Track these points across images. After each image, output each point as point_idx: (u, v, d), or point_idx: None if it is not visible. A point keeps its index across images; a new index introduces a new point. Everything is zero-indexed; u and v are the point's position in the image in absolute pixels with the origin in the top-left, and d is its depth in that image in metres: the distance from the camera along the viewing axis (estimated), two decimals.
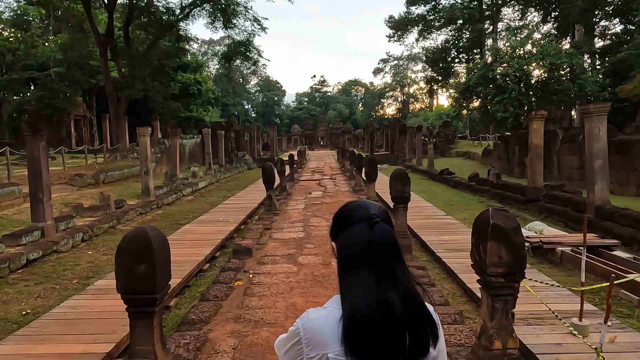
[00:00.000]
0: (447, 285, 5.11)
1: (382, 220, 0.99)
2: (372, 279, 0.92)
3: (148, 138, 11.59)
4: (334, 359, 0.90)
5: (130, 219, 9.55)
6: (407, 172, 6.19)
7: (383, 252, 0.95)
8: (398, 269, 0.95)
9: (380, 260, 0.94)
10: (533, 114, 9.23)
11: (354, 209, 1.04)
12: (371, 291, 0.90)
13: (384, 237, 0.96)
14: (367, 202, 1.06)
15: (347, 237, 0.99)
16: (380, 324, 0.88)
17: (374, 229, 0.96)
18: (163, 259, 2.75)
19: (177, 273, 5.29)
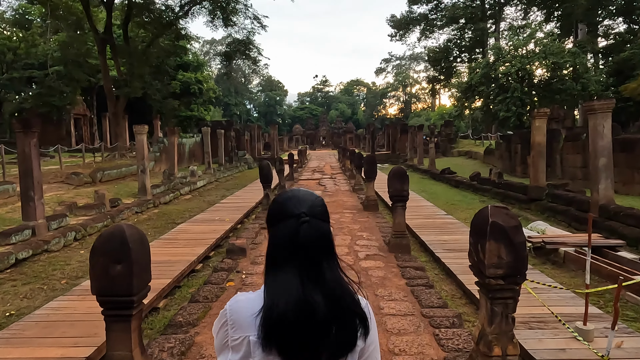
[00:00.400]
0: (446, 287, 4.94)
1: (313, 216, 0.96)
2: (296, 278, 0.91)
3: (145, 136, 11.45)
4: (255, 342, 0.91)
5: (125, 218, 9.41)
6: (405, 170, 6.02)
7: (310, 252, 0.93)
8: (326, 269, 0.94)
9: (307, 259, 0.92)
10: (536, 111, 9.04)
11: (285, 202, 1.00)
12: (293, 291, 0.89)
13: (312, 236, 0.93)
14: (301, 195, 1.02)
15: (275, 233, 0.98)
16: (299, 323, 0.88)
17: (301, 227, 0.93)
18: (141, 258, 2.59)
19: (168, 273, 5.14)
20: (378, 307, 4.14)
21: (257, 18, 19.46)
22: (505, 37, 32.60)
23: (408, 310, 4.06)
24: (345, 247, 6.43)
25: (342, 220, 8.56)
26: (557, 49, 28.28)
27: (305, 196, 1.01)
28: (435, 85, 44.50)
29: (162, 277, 4.99)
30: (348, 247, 6.42)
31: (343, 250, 6.27)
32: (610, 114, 6.76)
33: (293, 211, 0.96)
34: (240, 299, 0.99)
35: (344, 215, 9.19)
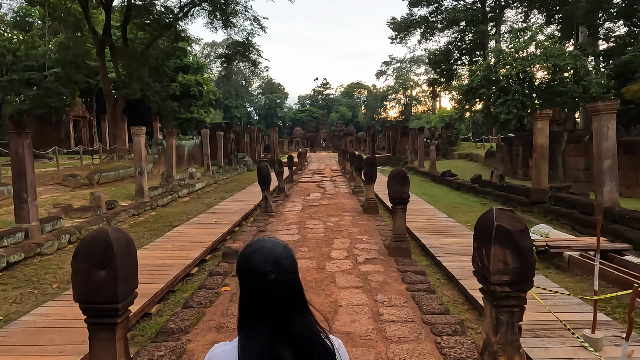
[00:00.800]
0: (447, 292, 4.80)
1: (280, 272, 0.96)
2: (266, 334, 0.93)
3: (143, 138, 11.33)
4: None
5: (121, 220, 9.28)
6: (406, 172, 5.88)
7: (278, 308, 0.95)
8: (295, 323, 0.96)
9: (275, 315, 0.94)
10: (538, 113, 8.91)
11: (250, 257, 1.00)
12: (265, 348, 0.91)
13: (279, 293, 0.95)
14: (267, 247, 1.02)
15: (243, 288, 1.00)
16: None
17: (268, 284, 0.94)
18: (127, 264, 2.45)
19: (162, 277, 5.01)
20: (378, 313, 4.00)
21: (257, 20, 19.39)
22: (506, 40, 32.49)
23: (408, 316, 3.92)
24: (344, 251, 6.28)
25: (342, 223, 8.42)
26: (558, 51, 28.21)
27: (272, 249, 1.01)
28: (435, 88, 44.37)
29: (155, 282, 4.86)
30: (347, 251, 6.27)
31: (342, 254, 6.13)
32: (615, 115, 6.63)
33: (259, 268, 0.96)
34: (216, 352, 1.02)
35: (343, 218, 9.05)
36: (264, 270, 0.96)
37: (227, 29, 19.80)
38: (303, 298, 1.00)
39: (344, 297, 4.42)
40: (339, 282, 4.90)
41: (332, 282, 4.93)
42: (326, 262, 5.74)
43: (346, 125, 61.31)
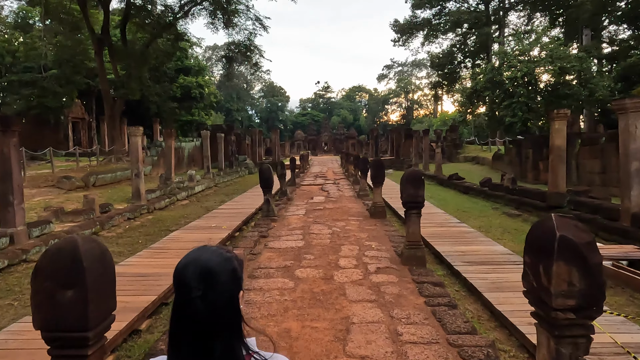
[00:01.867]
0: (470, 307, 4.32)
1: (210, 289, 0.87)
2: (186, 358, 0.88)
3: (140, 138, 10.90)
4: None
5: (116, 224, 8.82)
6: (421, 174, 5.43)
7: (201, 329, 0.87)
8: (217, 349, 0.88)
9: (196, 338, 0.87)
10: (555, 112, 8.46)
11: (182, 269, 0.90)
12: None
13: (204, 312, 0.86)
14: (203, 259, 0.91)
15: (172, 305, 0.93)
16: None
17: (193, 302, 0.86)
18: (101, 281, 1.99)
19: (154, 289, 4.55)
20: (396, 333, 3.53)
21: (259, 19, 19.01)
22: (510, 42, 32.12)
23: (431, 336, 3.45)
24: (353, 259, 5.81)
25: (348, 229, 7.95)
26: (563, 53, 27.82)
27: (208, 262, 0.90)
28: (438, 91, 43.97)
29: (147, 293, 4.40)
30: (356, 259, 5.81)
31: (351, 262, 5.66)
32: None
33: (187, 282, 0.88)
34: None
35: (349, 222, 8.58)
36: (190, 285, 0.88)
37: (228, 28, 19.44)
38: (235, 320, 0.91)
39: (357, 313, 3.96)
40: (349, 295, 4.44)
41: (341, 295, 4.47)
42: (334, 271, 5.27)
43: (347, 129, 61.06)
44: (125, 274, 5.12)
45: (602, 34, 36.35)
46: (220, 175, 18.37)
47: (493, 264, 5.39)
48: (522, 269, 5.12)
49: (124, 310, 3.96)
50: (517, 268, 5.17)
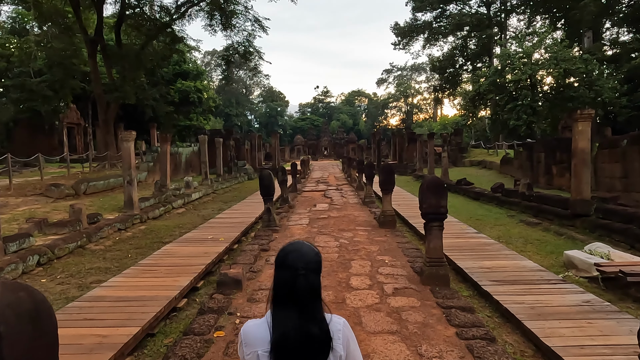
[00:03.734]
0: (508, 338, 3.67)
1: (308, 271, 1.29)
2: (295, 315, 1.26)
3: (132, 143, 10.26)
4: (262, 355, 1.27)
5: (104, 236, 8.17)
6: (443, 181, 4.80)
7: (303, 297, 1.27)
8: (316, 310, 1.29)
9: (301, 302, 1.27)
10: (578, 113, 7.85)
11: (289, 254, 1.34)
12: (295, 324, 1.25)
13: (306, 287, 1.28)
14: (303, 250, 1.34)
15: (279, 276, 1.32)
16: (301, 347, 1.24)
17: (297, 279, 1.27)
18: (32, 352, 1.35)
19: (138, 317, 3.89)
20: None
21: (258, 20, 18.42)
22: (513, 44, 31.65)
23: None
24: (366, 277, 5.17)
25: (357, 240, 7.31)
26: (568, 55, 27.31)
27: (306, 252, 1.34)
28: (439, 94, 43.46)
29: (129, 324, 3.75)
30: (370, 278, 5.16)
31: (364, 282, 5.01)
32: None
33: (295, 264, 1.29)
34: (250, 325, 1.36)
35: (357, 233, 7.94)
36: (297, 266, 1.29)
37: (226, 30, 18.87)
38: (320, 294, 1.32)
39: (377, 349, 3.31)
40: (366, 325, 3.79)
41: (357, 324, 3.82)
42: (346, 293, 4.63)
43: (347, 133, 60.57)
44: (105, 298, 4.47)
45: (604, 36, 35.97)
46: (218, 182, 17.73)
47: (526, 283, 4.74)
48: (560, 289, 4.41)
49: (99, 348, 3.32)
50: (556, 289, 4.53)
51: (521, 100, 28.33)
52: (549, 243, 7.14)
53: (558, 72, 27.26)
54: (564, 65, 26.91)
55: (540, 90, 29.52)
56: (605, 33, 36.44)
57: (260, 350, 1.27)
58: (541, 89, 29.57)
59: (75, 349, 3.32)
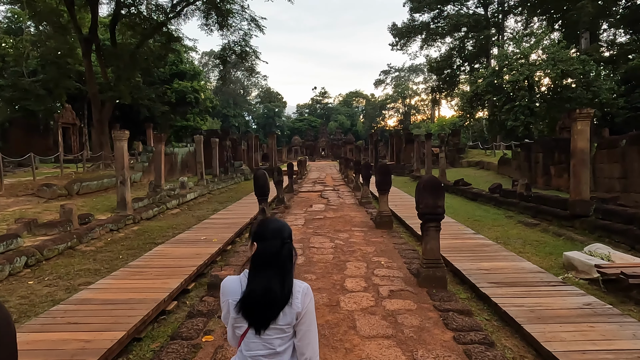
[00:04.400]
0: (507, 342, 3.55)
1: (290, 240, 1.57)
2: (271, 274, 1.50)
3: (125, 143, 10.11)
4: (232, 303, 1.54)
5: (96, 237, 8.01)
6: (440, 181, 4.67)
7: (284, 262, 1.53)
8: (289, 273, 1.54)
9: (282, 266, 1.52)
10: (577, 112, 7.74)
11: (273, 227, 1.58)
12: (270, 279, 1.50)
13: (288, 254, 1.55)
14: (281, 224, 1.60)
15: (264, 246, 1.53)
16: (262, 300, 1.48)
17: (283, 247, 1.53)
18: None
19: (124, 321, 3.75)
20: None
21: (254, 19, 18.28)
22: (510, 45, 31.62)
23: None
24: (361, 279, 5.04)
25: (353, 241, 7.18)
26: (565, 56, 27.29)
27: (284, 225, 1.60)
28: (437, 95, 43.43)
29: (114, 328, 3.61)
30: (365, 279, 5.03)
31: (359, 284, 4.88)
32: None
33: (280, 235, 1.55)
34: (228, 279, 1.62)
35: (353, 234, 7.81)
36: (282, 237, 1.55)
37: (223, 29, 18.73)
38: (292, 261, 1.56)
39: (372, 355, 3.18)
40: (360, 328, 3.66)
41: (351, 328, 3.69)
42: (340, 295, 4.50)
43: (345, 134, 60.46)
44: (92, 301, 4.33)
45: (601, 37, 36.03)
46: (214, 182, 17.58)
47: (525, 285, 4.62)
48: (560, 291, 4.29)
49: (81, 353, 3.18)
50: (556, 291, 4.41)
51: (519, 101, 28.31)
52: (547, 244, 7.03)
53: (556, 73, 27.23)
54: (561, 66, 26.89)
55: (538, 91, 29.51)
56: (603, 34, 36.53)
57: (231, 299, 1.53)
58: (538, 89, 29.56)
59: (57, 355, 3.18)
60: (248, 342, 1.52)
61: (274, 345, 1.51)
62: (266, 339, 1.50)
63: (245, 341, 1.53)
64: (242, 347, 1.55)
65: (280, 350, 1.52)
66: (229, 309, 1.54)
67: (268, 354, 1.51)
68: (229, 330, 1.59)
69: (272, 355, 1.52)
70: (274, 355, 1.52)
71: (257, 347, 1.51)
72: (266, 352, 1.51)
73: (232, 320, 1.54)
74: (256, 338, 1.51)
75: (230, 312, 1.54)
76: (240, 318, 1.50)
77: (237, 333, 1.56)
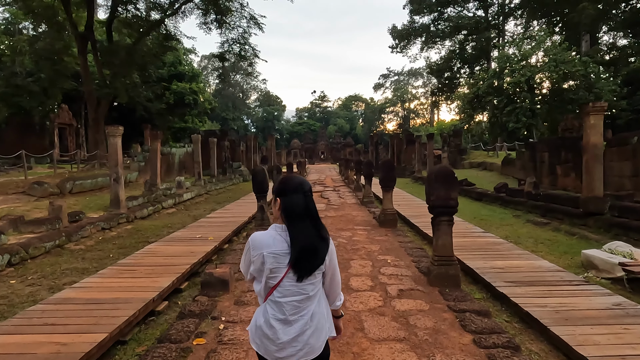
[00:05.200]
0: (533, 347, 3.19)
1: (311, 192, 1.69)
2: (310, 226, 1.62)
3: (119, 139, 9.76)
4: (267, 255, 1.58)
5: (86, 235, 7.64)
6: (452, 170, 4.33)
7: (314, 212, 1.65)
8: (320, 221, 1.67)
9: (312, 217, 1.64)
10: (590, 106, 7.42)
11: (297, 183, 1.67)
12: (312, 233, 1.61)
13: (314, 205, 1.66)
14: (302, 179, 1.70)
15: (290, 200, 1.63)
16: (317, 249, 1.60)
17: (306, 199, 1.64)
18: None
19: (108, 321, 3.39)
20: None
21: (254, 17, 17.97)
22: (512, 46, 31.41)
23: None
24: (367, 278, 4.68)
25: (356, 240, 6.82)
26: (567, 57, 27.05)
27: (304, 180, 1.71)
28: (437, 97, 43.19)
29: (95, 330, 3.25)
30: (371, 278, 4.67)
31: (365, 283, 4.52)
32: None
33: (302, 188, 1.66)
34: (257, 234, 1.66)
35: (356, 232, 7.45)
36: (305, 190, 1.65)
37: (222, 28, 18.45)
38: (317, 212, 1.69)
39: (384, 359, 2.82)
40: (369, 331, 3.30)
41: (359, 330, 3.33)
42: (345, 295, 4.12)
43: (344, 138, 60.29)
44: (73, 300, 3.96)
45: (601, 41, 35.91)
46: (212, 182, 17.22)
47: (545, 284, 4.27)
48: (585, 291, 3.91)
49: (54, 358, 2.81)
50: (580, 291, 4.06)
51: (520, 102, 28.05)
52: (561, 243, 6.68)
53: (557, 75, 27.00)
54: (563, 67, 26.66)
55: (539, 92, 29.26)
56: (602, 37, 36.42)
57: (265, 251, 1.57)
58: (540, 91, 29.31)
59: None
60: (283, 290, 1.58)
61: (307, 291, 1.60)
62: (302, 285, 1.59)
63: (279, 290, 1.59)
64: (275, 295, 1.59)
65: (312, 295, 1.61)
66: (263, 261, 1.57)
67: (302, 299, 1.60)
68: (261, 283, 1.62)
69: (305, 300, 1.60)
70: (307, 300, 1.61)
71: (292, 294, 1.58)
72: (301, 297, 1.59)
73: (267, 272, 1.58)
74: (293, 286, 1.58)
75: (265, 264, 1.57)
76: (278, 268, 1.57)
77: (271, 283, 1.59)
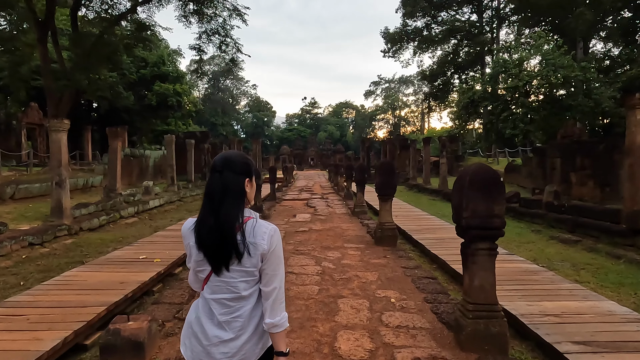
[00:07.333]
0: None
1: (225, 169, 1.37)
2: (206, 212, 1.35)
3: (64, 135, 8.15)
4: (192, 246, 1.38)
5: (4, 254, 5.98)
6: (495, 172, 2.83)
7: (215, 193, 1.35)
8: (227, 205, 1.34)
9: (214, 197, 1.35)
10: (637, 97, 6.05)
11: (216, 160, 1.43)
12: (218, 211, 1.33)
13: (218, 183, 1.36)
14: (229, 154, 1.44)
15: (210, 178, 1.40)
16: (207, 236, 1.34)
17: (213, 176, 1.38)
18: None
19: None
20: None
21: (237, 9, 16.49)
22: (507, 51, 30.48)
23: None
24: (363, 332, 3.13)
25: (347, 263, 5.27)
26: (566, 62, 26.12)
27: (231, 154, 1.44)
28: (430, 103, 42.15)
29: None
30: (369, 332, 3.13)
31: (360, 341, 2.97)
32: None
33: (214, 165, 1.40)
34: (187, 221, 1.45)
35: (346, 253, 5.90)
36: (215, 166, 1.39)
37: (202, 21, 16.95)
38: (239, 194, 1.37)
39: None
40: None
41: None
42: None
43: (335, 145, 59.34)
44: None
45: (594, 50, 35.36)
46: (188, 188, 15.58)
47: (630, 350, 2.78)
48: None
49: None
50: None
51: (517, 108, 27.00)
52: (608, 269, 5.24)
53: (556, 80, 26.06)
54: (562, 72, 25.73)
55: (536, 98, 28.28)
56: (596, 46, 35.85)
57: (191, 242, 1.41)
58: (537, 97, 28.33)
59: None
60: (212, 285, 1.39)
61: (238, 289, 1.37)
62: (230, 281, 1.37)
63: (208, 285, 1.40)
64: (205, 291, 1.41)
65: (245, 295, 1.38)
66: (190, 252, 1.42)
67: (232, 297, 1.38)
68: (191, 274, 1.47)
69: (236, 300, 1.38)
70: (239, 300, 1.38)
71: (220, 290, 1.38)
72: (230, 295, 1.37)
73: (194, 264, 1.42)
74: (219, 281, 1.37)
75: (192, 256, 1.41)
76: (203, 260, 1.37)
77: (200, 277, 1.43)
